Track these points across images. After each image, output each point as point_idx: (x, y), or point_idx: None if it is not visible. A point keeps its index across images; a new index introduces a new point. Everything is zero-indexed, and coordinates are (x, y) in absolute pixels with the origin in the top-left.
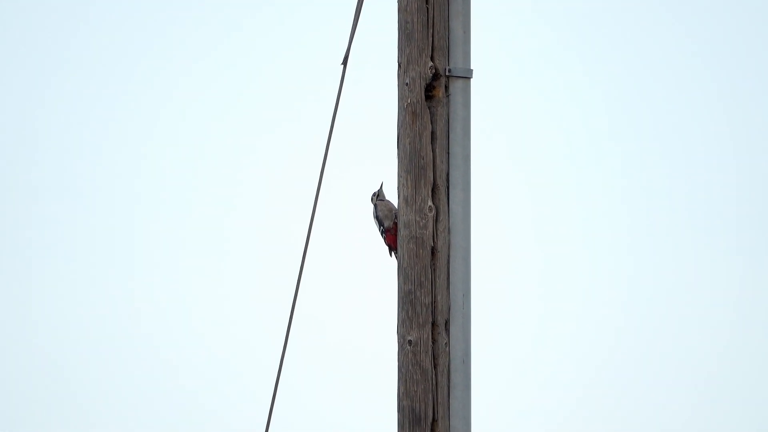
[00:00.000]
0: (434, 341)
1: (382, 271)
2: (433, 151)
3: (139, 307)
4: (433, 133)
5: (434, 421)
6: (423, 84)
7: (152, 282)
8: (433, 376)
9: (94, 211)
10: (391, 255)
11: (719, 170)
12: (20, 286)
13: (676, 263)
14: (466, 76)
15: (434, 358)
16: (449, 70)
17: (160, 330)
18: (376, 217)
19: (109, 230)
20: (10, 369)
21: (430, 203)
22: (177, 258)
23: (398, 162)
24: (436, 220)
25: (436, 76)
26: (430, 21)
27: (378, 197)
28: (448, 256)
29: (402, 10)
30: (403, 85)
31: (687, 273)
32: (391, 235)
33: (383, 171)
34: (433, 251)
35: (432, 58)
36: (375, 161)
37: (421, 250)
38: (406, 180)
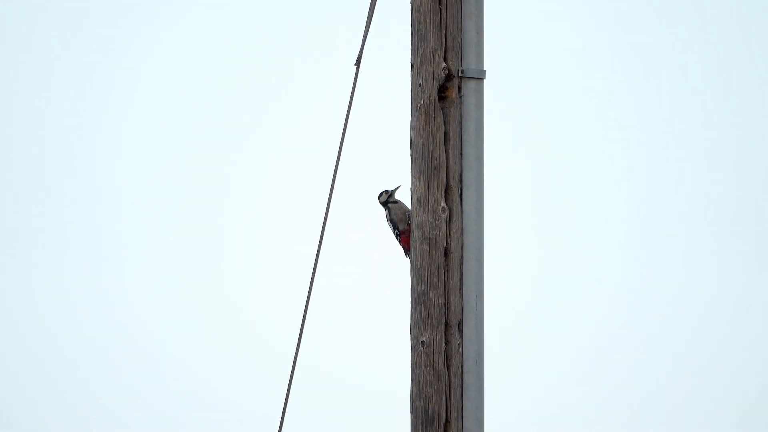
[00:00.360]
0: (447, 342)
1: (395, 271)
2: (446, 152)
3: (150, 309)
4: (446, 134)
5: (447, 422)
6: (436, 85)
7: (157, 282)
8: (446, 377)
9: (97, 210)
10: (406, 256)
11: (726, 172)
12: (26, 286)
13: (696, 266)
14: (479, 77)
15: (447, 359)
16: (462, 71)
17: (167, 331)
18: (390, 220)
19: (114, 229)
20: (22, 370)
21: (443, 204)
22: (185, 258)
23: (411, 163)
24: (450, 221)
25: (449, 77)
26: (443, 22)
27: (390, 198)
28: (462, 257)
29: (415, 11)
30: (416, 86)
31: (707, 277)
32: (405, 238)
33: (396, 172)
34: (447, 252)
35: (445, 59)
36: (388, 162)
37: (434, 251)
38: (419, 181)
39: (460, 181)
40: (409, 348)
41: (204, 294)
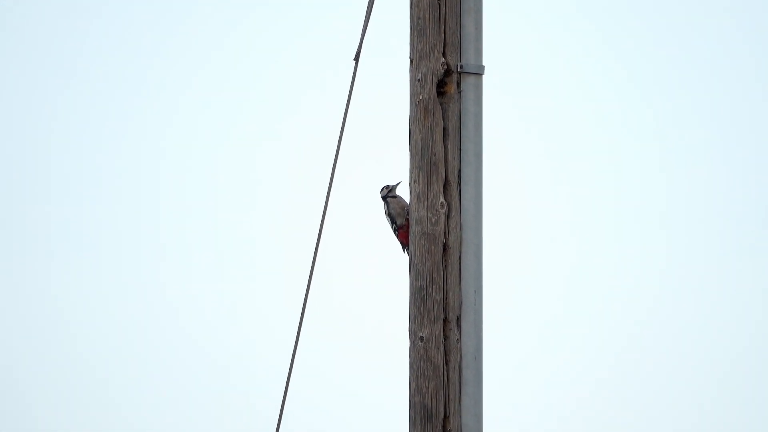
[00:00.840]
0: (446, 337)
1: (394, 267)
2: (445, 147)
3: (148, 309)
4: (444, 129)
5: (446, 417)
6: (435, 80)
7: (159, 281)
8: (445, 372)
9: (94, 212)
10: (404, 251)
11: (736, 173)
12: (39, 284)
13: (690, 262)
14: (478, 73)
15: (446, 354)
16: (461, 67)
17: (165, 330)
18: (389, 215)
19: (117, 229)
20: (40, 368)
21: (441, 199)
22: (185, 257)
23: (410, 158)
24: (448, 216)
25: (448, 72)
26: (442, 17)
27: (390, 193)
28: (460, 252)
29: (414, 6)
30: (415, 81)
31: (701, 275)
32: (403, 233)
33: (395, 167)
34: (445, 247)
35: (444, 55)
36: (387, 157)
37: (432, 247)
38: (418, 176)
39: (459, 177)
40: (408, 343)
41: (203, 292)
